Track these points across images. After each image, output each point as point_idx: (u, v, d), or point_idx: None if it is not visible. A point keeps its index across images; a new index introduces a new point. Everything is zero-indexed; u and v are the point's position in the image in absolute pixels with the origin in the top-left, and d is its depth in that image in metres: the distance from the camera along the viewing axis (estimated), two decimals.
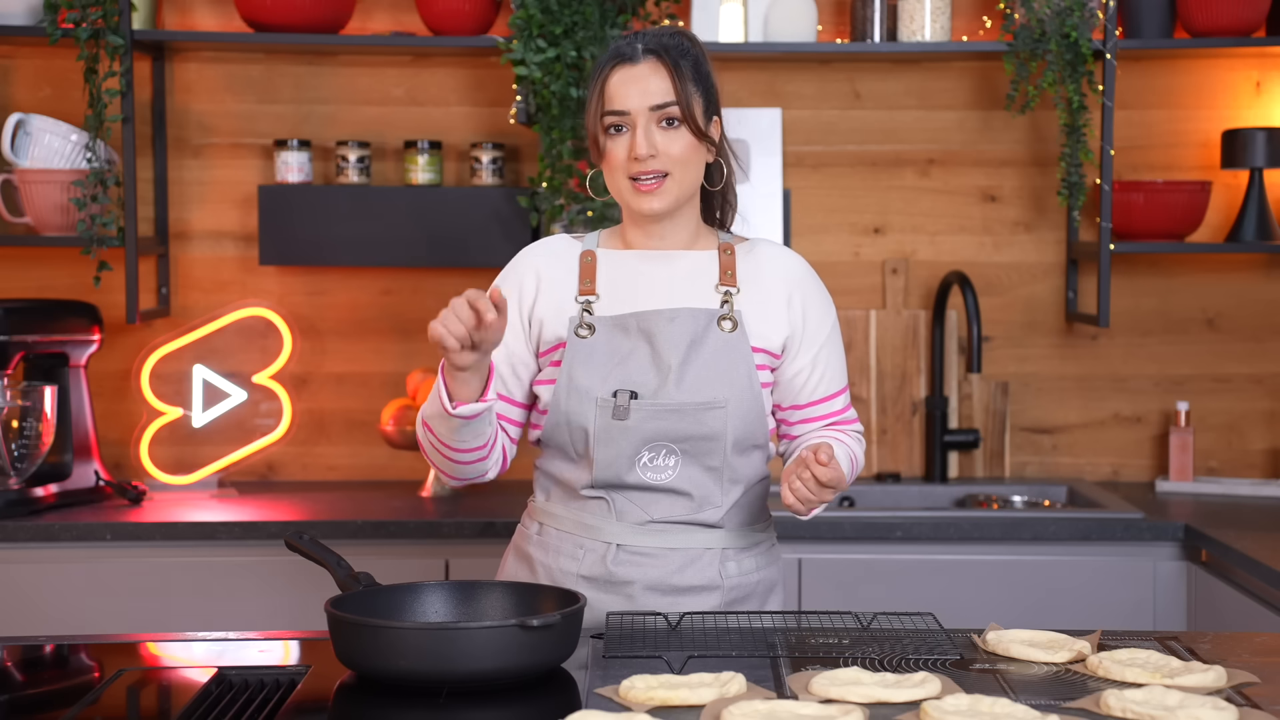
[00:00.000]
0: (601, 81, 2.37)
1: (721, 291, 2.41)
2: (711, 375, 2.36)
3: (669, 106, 2.34)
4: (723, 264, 2.43)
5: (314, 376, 4.00)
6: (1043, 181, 4.01)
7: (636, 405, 2.33)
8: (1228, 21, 3.71)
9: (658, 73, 2.35)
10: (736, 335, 2.38)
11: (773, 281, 2.44)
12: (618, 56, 2.37)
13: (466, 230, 3.78)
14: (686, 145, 2.35)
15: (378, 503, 3.69)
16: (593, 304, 2.40)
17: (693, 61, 2.37)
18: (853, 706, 1.83)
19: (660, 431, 2.35)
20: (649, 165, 2.34)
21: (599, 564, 2.40)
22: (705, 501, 2.39)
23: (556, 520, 2.45)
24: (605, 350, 2.37)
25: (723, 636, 2.17)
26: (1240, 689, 1.95)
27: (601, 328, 2.38)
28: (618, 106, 2.34)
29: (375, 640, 1.93)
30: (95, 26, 3.59)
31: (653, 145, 2.33)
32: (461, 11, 3.73)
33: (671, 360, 2.35)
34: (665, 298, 2.40)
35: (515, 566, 2.52)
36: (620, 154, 2.36)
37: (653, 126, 2.34)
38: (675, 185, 2.36)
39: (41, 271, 3.93)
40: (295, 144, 3.82)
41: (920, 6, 3.75)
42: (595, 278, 2.42)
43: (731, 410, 2.36)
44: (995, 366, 4.03)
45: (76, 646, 2.25)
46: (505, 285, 2.46)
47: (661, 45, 2.37)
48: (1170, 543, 3.47)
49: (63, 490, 3.60)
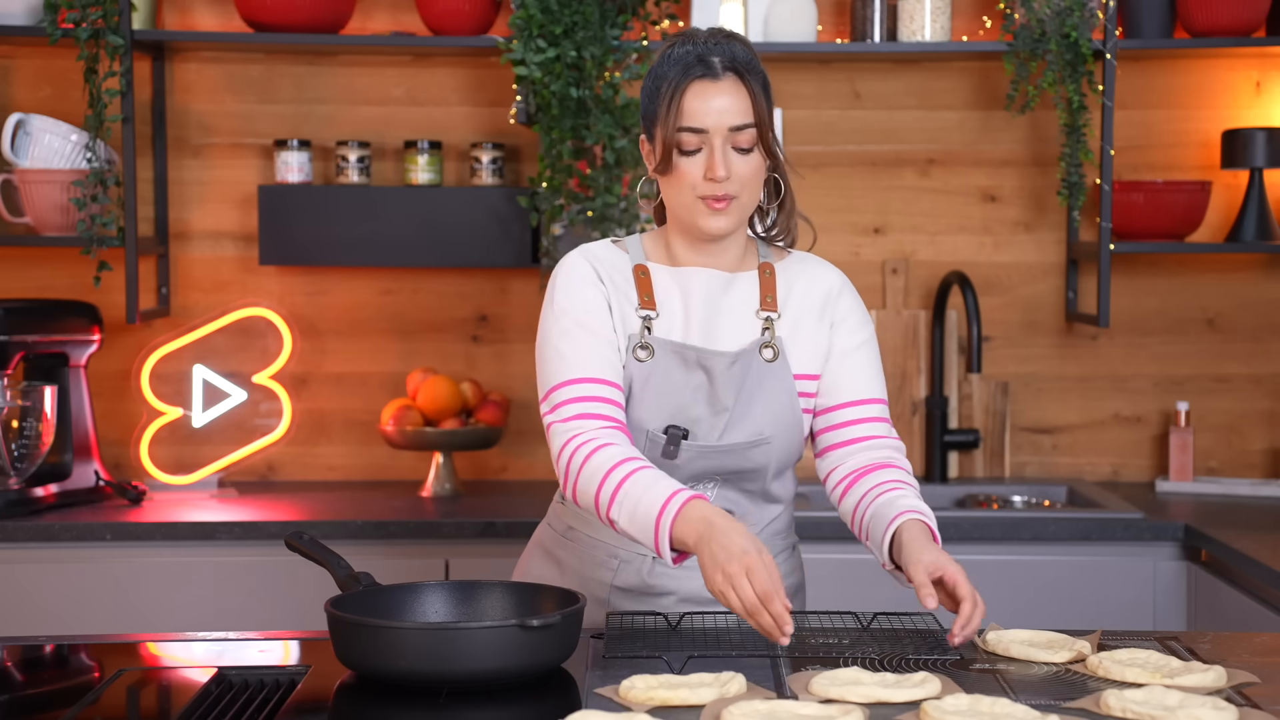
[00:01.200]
0: (679, 94, 2.26)
1: (762, 318, 2.35)
2: (759, 412, 2.32)
3: (747, 129, 2.26)
4: (763, 286, 2.37)
5: (314, 376, 4.00)
6: (1043, 181, 4.01)
7: (686, 445, 2.30)
8: (1228, 21, 3.71)
9: (738, 92, 2.27)
10: (778, 364, 2.33)
11: (812, 298, 2.38)
12: (697, 69, 2.26)
13: (466, 230, 3.78)
14: (756, 167, 2.29)
15: (378, 503, 3.69)
16: (652, 321, 2.33)
17: (762, 78, 2.31)
18: (853, 706, 1.83)
19: (706, 469, 2.32)
20: (725, 188, 2.26)
21: (635, 575, 2.37)
22: (744, 519, 2.36)
23: (590, 527, 2.40)
24: (662, 380, 2.31)
25: (723, 636, 2.17)
26: (1240, 689, 1.95)
27: (660, 352, 2.31)
28: (696, 124, 2.25)
29: (375, 640, 1.93)
30: (95, 26, 3.59)
31: (729, 167, 2.26)
32: (461, 11, 3.73)
33: (728, 401, 2.30)
34: (715, 326, 2.33)
35: (542, 568, 2.48)
36: (695, 173, 2.26)
37: (728, 148, 2.27)
38: (740, 207, 2.29)
39: (41, 271, 3.93)
40: (295, 144, 3.82)
41: (920, 6, 3.75)
42: (653, 292, 2.35)
43: (775, 445, 2.33)
44: (995, 366, 4.03)
45: (76, 646, 2.25)
46: (582, 284, 2.33)
47: (738, 62, 2.28)
48: (1170, 543, 3.47)
49: (63, 490, 3.60)
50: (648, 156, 2.34)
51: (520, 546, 3.43)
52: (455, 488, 3.77)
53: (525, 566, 2.53)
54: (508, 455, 4.01)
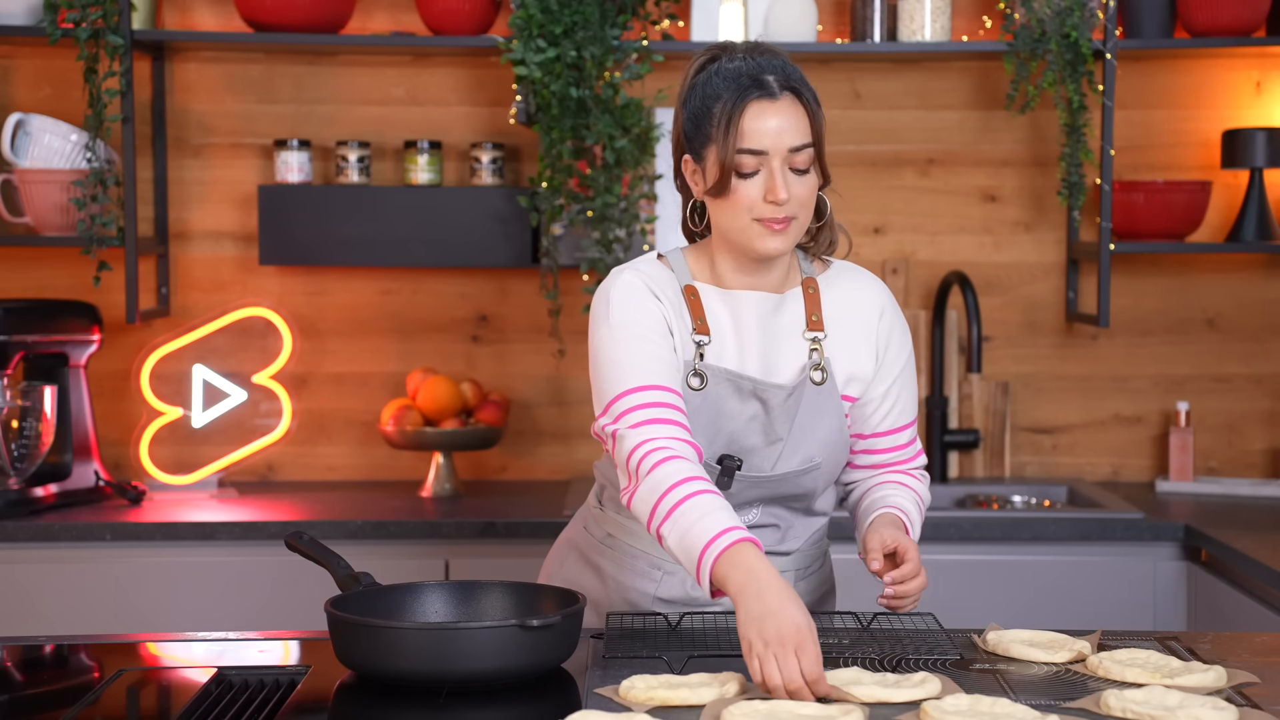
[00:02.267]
0: (737, 115, 2.18)
1: (809, 338, 2.30)
2: (809, 438, 2.29)
3: (805, 149, 2.19)
4: (808, 305, 2.32)
5: (314, 376, 4.00)
6: (1043, 181, 4.01)
7: (740, 476, 2.27)
8: (1228, 21, 3.71)
9: (796, 112, 2.19)
10: (826, 387, 2.29)
11: (860, 313, 2.34)
12: (754, 90, 2.18)
13: (466, 230, 3.78)
14: (812, 187, 2.22)
15: (378, 503, 3.69)
16: (705, 347, 2.27)
17: (813, 95, 2.24)
18: (853, 706, 1.83)
19: (758, 497, 2.30)
20: (783, 210, 2.19)
21: (679, 588, 2.35)
22: (789, 533, 2.35)
23: (633, 537, 2.37)
24: (715, 408, 2.26)
25: (723, 636, 2.17)
26: (1240, 689, 1.96)
27: (713, 380, 2.26)
28: (756, 145, 2.17)
29: (375, 640, 1.93)
30: (95, 26, 3.59)
31: (789, 189, 2.18)
32: (461, 11, 3.73)
33: (782, 432, 2.27)
34: (770, 353, 2.29)
35: (579, 573, 2.43)
36: (753, 195, 2.18)
37: (786, 168, 2.19)
38: (798, 228, 2.23)
39: (41, 271, 3.93)
40: (295, 144, 3.82)
41: (920, 6, 3.75)
42: (705, 317, 2.28)
43: (824, 468, 2.31)
44: (995, 366, 4.03)
45: (76, 646, 2.25)
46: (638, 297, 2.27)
47: (792, 80, 2.21)
48: (1170, 543, 3.47)
49: (63, 490, 3.60)
50: (693, 177, 2.26)
51: (520, 547, 3.45)
52: (455, 488, 3.77)
53: (559, 570, 2.48)
54: (508, 455, 4.01)
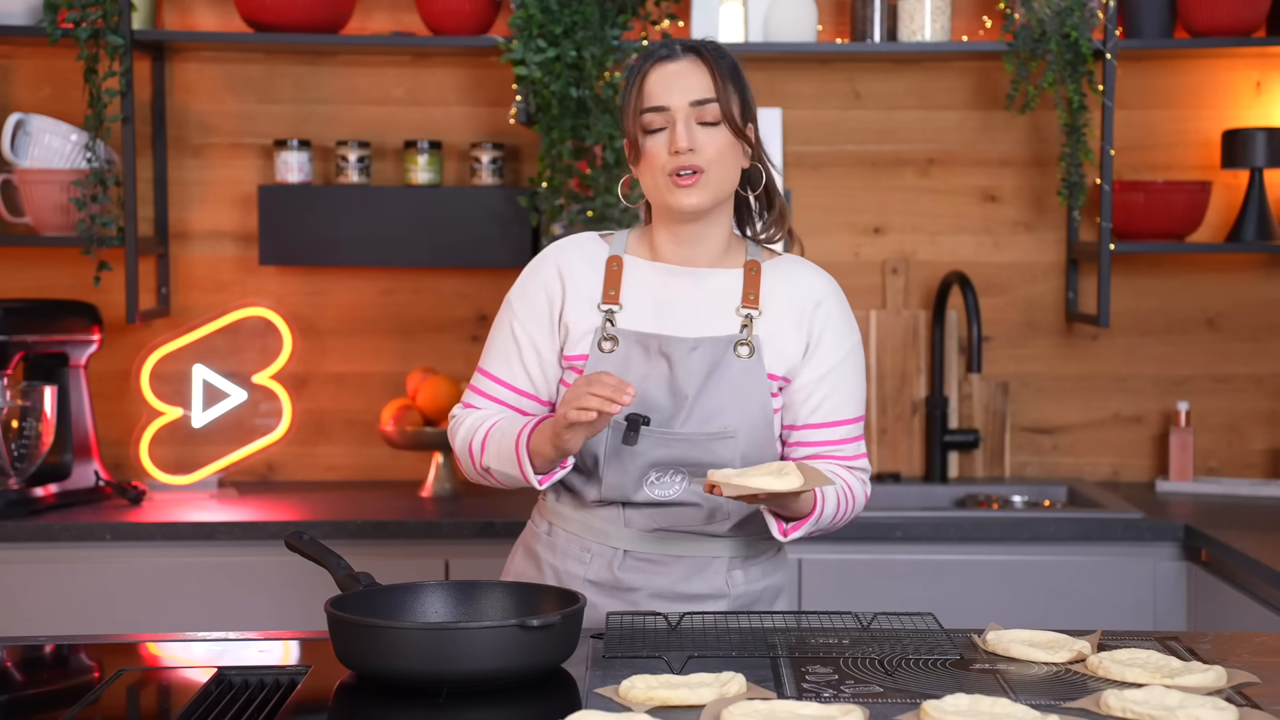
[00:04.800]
0: (640, 79, 2.34)
1: (742, 315, 2.36)
2: (725, 404, 2.33)
3: (709, 103, 2.31)
4: (747, 284, 2.38)
5: (314, 376, 4.00)
6: (1043, 181, 4.01)
7: (647, 432, 2.31)
8: (1228, 21, 3.71)
9: (697, 69, 2.32)
10: (753, 362, 2.34)
11: (794, 302, 2.39)
12: (656, 55, 2.35)
13: (466, 230, 3.78)
14: (724, 144, 2.32)
15: (378, 503, 3.69)
16: (615, 314, 2.37)
17: (729, 63, 2.36)
18: (853, 706, 1.83)
19: (668, 458, 2.33)
20: (688, 160, 2.30)
21: (606, 569, 2.39)
22: (714, 513, 2.37)
23: (566, 522, 2.44)
24: (623, 369, 2.34)
25: (723, 637, 2.17)
26: (1240, 689, 1.95)
27: (624, 342, 2.35)
28: (658, 102, 2.31)
29: (375, 640, 1.93)
30: (95, 26, 3.59)
31: (693, 140, 2.30)
32: (461, 11, 3.73)
33: (689, 389, 2.32)
34: (688, 318, 2.36)
35: (523, 564, 2.51)
36: (660, 151, 2.31)
37: (692, 123, 2.31)
38: (710, 183, 2.32)
39: (41, 271, 3.93)
40: (295, 144, 3.82)
41: (920, 6, 3.75)
42: (620, 286, 2.38)
43: (741, 439, 2.34)
44: (995, 366, 4.03)
45: (76, 646, 2.25)
46: (534, 284, 2.42)
47: (699, 45, 2.36)
48: (1170, 543, 3.47)
49: (63, 490, 3.60)
50: (629, 153, 2.39)
51: None
52: (455, 488, 3.77)
53: (510, 566, 2.56)
54: None
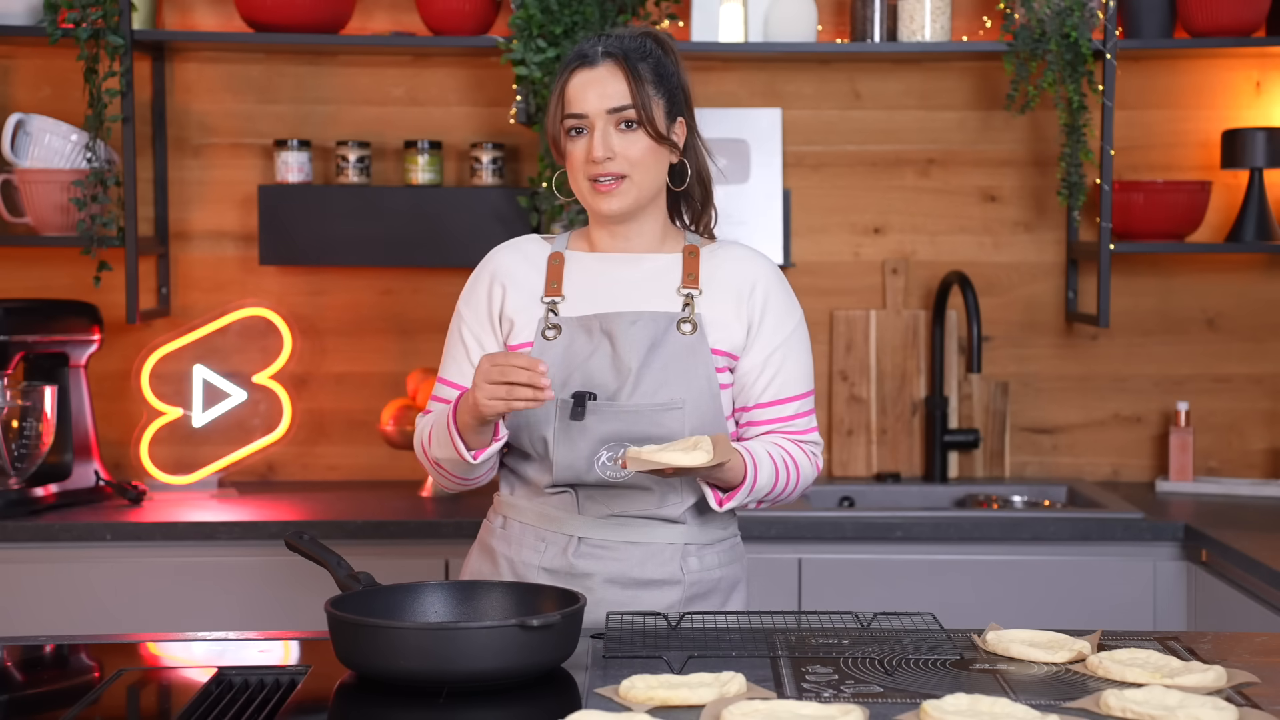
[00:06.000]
0: (562, 84, 2.40)
1: (683, 294, 2.42)
2: (669, 377, 2.37)
3: (625, 110, 2.37)
4: (686, 266, 2.44)
5: (314, 376, 4.00)
6: (1043, 181, 4.01)
7: (594, 407, 2.35)
8: (1228, 21, 3.71)
9: (615, 76, 2.37)
10: (696, 338, 2.39)
11: (734, 282, 2.44)
12: (579, 59, 2.40)
13: (466, 230, 3.78)
14: (644, 148, 2.38)
15: (378, 503, 3.69)
16: (558, 305, 2.42)
17: (654, 64, 2.40)
18: (853, 706, 1.84)
19: (617, 433, 2.36)
20: (606, 167, 2.37)
21: (560, 556, 2.41)
22: (666, 497, 2.40)
23: (520, 513, 2.46)
24: (567, 352, 2.39)
25: (723, 636, 2.17)
26: (1240, 689, 1.96)
27: (567, 328, 2.40)
28: (576, 109, 2.38)
29: (375, 640, 1.93)
30: (95, 26, 3.59)
31: (609, 148, 2.36)
32: (461, 11, 3.73)
33: (631, 363, 2.36)
34: (628, 300, 2.42)
35: (479, 561, 2.52)
36: (579, 155, 2.39)
37: (610, 129, 2.37)
38: (633, 187, 2.39)
39: (41, 271, 3.93)
40: (295, 144, 3.82)
41: (920, 6, 3.75)
42: (562, 279, 2.45)
43: (689, 411, 2.37)
44: (995, 366, 4.03)
45: (76, 646, 2.25)
46: (477, 288, 2.49)
47: (621, 48, 2.39)
48: (1170, 543, 3.47)
49: (63, 490, 3.60)
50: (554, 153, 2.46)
51: None
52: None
53: (467, 565, 2.56)
54: None
